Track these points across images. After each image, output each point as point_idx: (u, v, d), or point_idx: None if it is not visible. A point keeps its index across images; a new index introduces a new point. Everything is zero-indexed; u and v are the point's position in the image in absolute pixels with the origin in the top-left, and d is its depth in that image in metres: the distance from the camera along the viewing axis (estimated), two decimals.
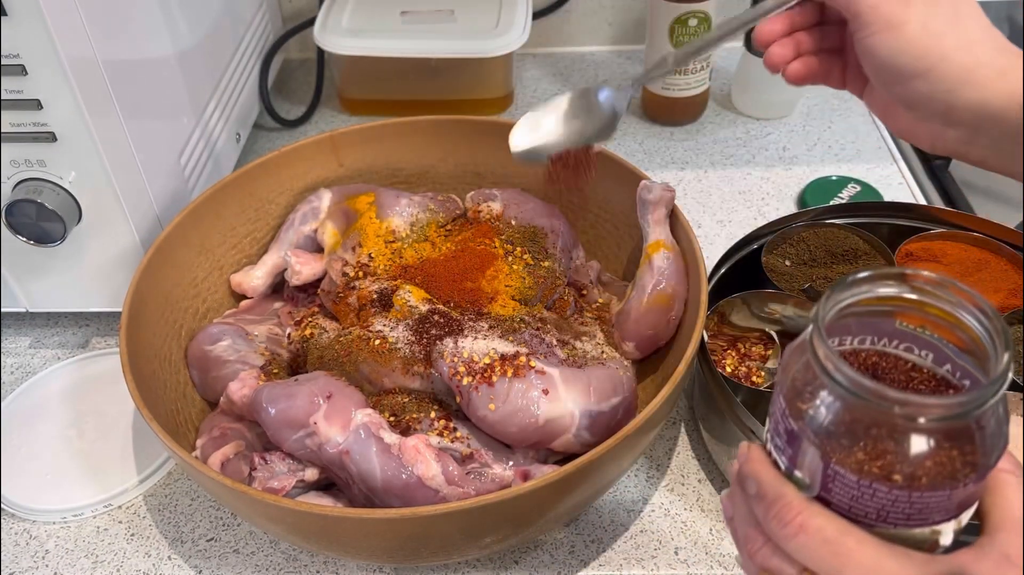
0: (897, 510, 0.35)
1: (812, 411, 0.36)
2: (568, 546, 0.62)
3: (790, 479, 0.38)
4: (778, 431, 0.38)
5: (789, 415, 0.37)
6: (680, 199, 0.90)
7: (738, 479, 0.40)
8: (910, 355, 0.39)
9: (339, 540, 0.53)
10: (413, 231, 0.71)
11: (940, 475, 0.34)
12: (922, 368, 0.38)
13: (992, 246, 0.71)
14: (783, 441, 0.38)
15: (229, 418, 0.63)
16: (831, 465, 0.36)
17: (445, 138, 0.78)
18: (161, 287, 0.66)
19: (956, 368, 0.38)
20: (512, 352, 0.58)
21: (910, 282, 0.38)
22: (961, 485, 0.35)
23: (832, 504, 0.37)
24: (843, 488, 0.36)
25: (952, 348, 0.38)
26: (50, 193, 0.63)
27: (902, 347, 0.39)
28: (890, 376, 0.39)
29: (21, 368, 0.76)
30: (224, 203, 0.71)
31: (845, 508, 0.36)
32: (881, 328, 0.39)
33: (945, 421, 0.34)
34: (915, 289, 0.38)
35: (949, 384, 0.38)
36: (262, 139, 1.00)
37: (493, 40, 0.93)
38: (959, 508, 0.36)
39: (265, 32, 1.00)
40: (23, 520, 0.65)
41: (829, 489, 0.36)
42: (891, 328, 0.39)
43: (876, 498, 0.35)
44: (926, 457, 0.34)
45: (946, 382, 0.38)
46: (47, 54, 0.57)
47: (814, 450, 0.36)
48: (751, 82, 0.98)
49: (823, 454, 0.36)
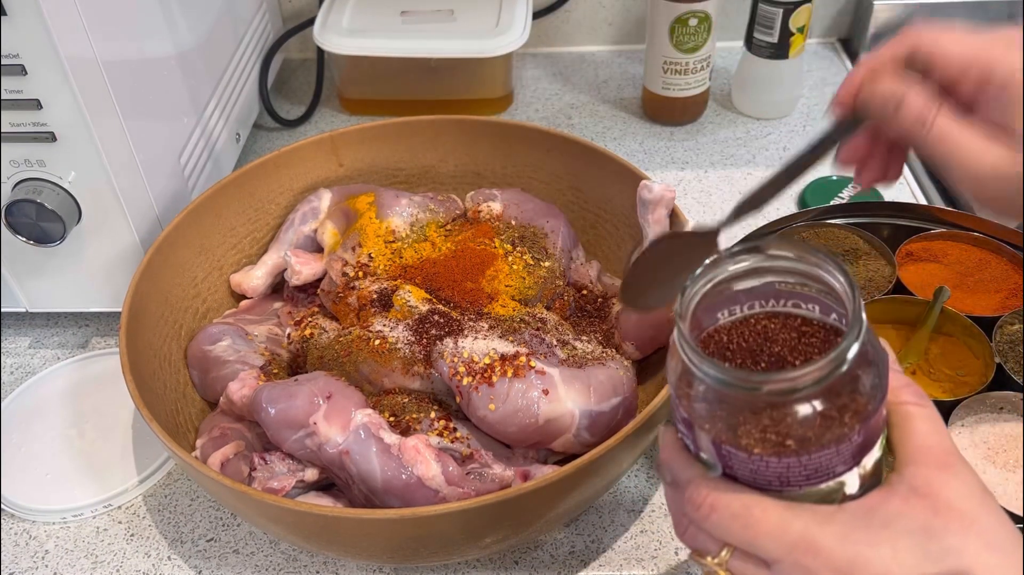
0: (795, 474, 0.36)
1: (694, 402, 0.37)
2: (568, 546, 0.62)
3: (698, 460, 0.39)
4: (678, 418, 0.40)
5: (679, 405, 0.39)
6: (680, 199, 0.90)
7: (655, 467, 0.42)
8: (799, 311, 0.40)
9: (339, 540, 0.53)
10: (413, 231, 0.71)
11: (824, 433, 0.35)
12: (812, 321, 0.39)
13: (992, 246, 0.71)
14: (684, 427, 0.39)
15: (229, 418, 0.63)
16: (723, 447, 0.37)
17: (445, 138, 0.78)
18: (161, 287, 0.66)
19: (841, 316, 0.38)
20: (512, 352, 0.58)
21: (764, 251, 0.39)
22: (848, 437, 0.36)
23: (738, 478, 0.38)
24: (740, 464, 0.37)
25: (830, 297, 0.38)
26: (50, 193, 0.63)
27: (790, 304, 0.40)
28: (783, 335, 0.39)
29: (21, 368, 0.76)
30: (224, 203, 0.71)
31: (750, 480, 0.38)
32: (764, 292, 0.40)
33: (812, 387, 0.35)
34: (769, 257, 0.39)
35: (839, 332, 0.38)
36: (262, 139, 1.00)
37: (493, 40, 0.93)
38: (856, 456, 0.37)
39: (265, 32, 1.00)
40: (23, 520, 0.65)
41: (730, 466, 0.38)
42: (773, 290, 0.40)
43: (771, 468, 0.36)
44: (807, 421, 0.35)
45: (835, 330, 0.39)
46: (47, 54, 0.57)
47: (704, 435, 0.37)
48: (751, 82, 0.98)
49: (713, 438, 0.37)
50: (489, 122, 0.77)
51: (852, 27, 1.11)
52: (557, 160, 0.76)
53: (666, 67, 0.94)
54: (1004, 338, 0.65)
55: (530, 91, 1.06)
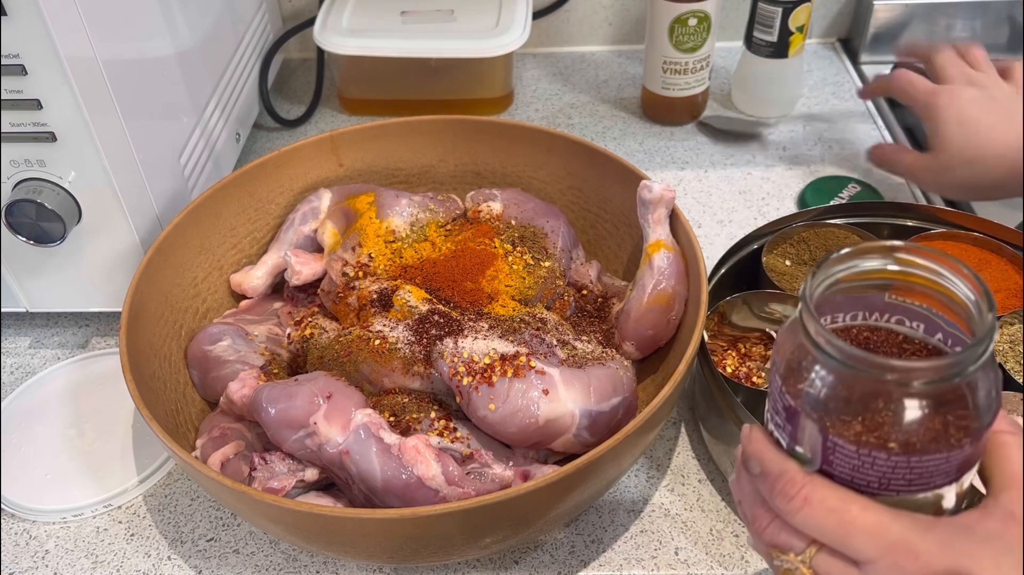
0: (898, 476, 0.36)
1: (807, 387, 0.37)
2: (568, 546, 0.62)
3: (792, 456, 0.39)
4: (776, 410, 0.39)
5: (786, 393, 0.38)
6: (680, 199, 0.90)
7: (742, 461, 0.41)
8: (901, 327, 0.40)
9: (339, 540, 0.53)
10: (413, 231, 0.71)
11: (936, 439, 0.35)
12: (914, 339, 0.39)
13: (992, 246, 0.71)
14: (782, 419, 0.39)
15: (229, 418, 0.63)
16: (830, 438, 0.36)
17: (445, 138, 0.78)
18: (161, 287, 0.66)
19: (947, 336, 0.39)
20: (512, 352, 0.58)
21: (894, 254, 0.39)
22: (958, 448, 0.35)
23: (835, 476, 0.37)
24: (844, 459, 0.36)
25: (941, 317, 0.38)
26: (50, 193, 0.63)
27: (893, 320, 0.40)
28: (882, 349, 0.39)
29: (21, 368, 0.76)
30: (224, 203, 0.71)
31: (847, 479, 0.37)
32: (871, 303, 0.40)
33: (936, 384, 0.35)
34: (899, 261, 0.39)
35: (941, 353, 0.39)
36: (262, 139, 1.00)
37: (493, 40, 0.93)
38: (959, 471, 0.37)
39: (265, 32, 1.00)
40: (23, 520, 0.65)
41: (830, 461, 0.37)
42: (881, 302, 0.40)
43: (876, 466, 0.36)
44: (921, 422, 0.35)
45: (938, 351, 0.39)
46: (47, 54, 0.57)
47: (812, 425, 0.37)
48: (751, 81, 0.98)
49: (821, 428, 0.36)
50: (489, 122, 0.77)
51: (852, 27, 1.11)
52: (557, 160, 0.76)
53: (666, 67, 0.94)
54: (1004, 338, 0.65)
55: (530, 91, 1.06)
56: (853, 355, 0.35)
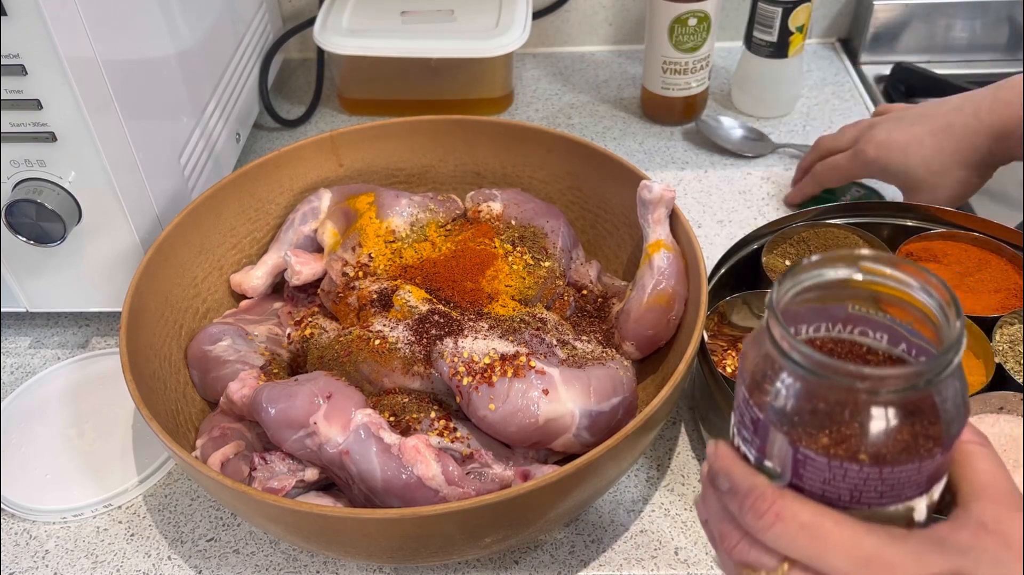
0: (869, 488, 0.35)
1: (775, 398, 0.36)
2: (568, 546, 0.62)
3: (760, 470, 0.38)
4: (744, 423, 0.39)
5: (753, 405, 0.37)
6: (680, 199, 0.90)
7: (709, 478, 0.40)
8: (865, 339, 0.39)
9: (339, 540, 0.53)
10: (413, 231, 0.71)
11: (907, 449, 0.35)
12: (877, 351, 0.39)
13: (992, 246, 0.71)
14: (750, 432, 0.38)
15: (229, 418, 0.63)
16: (800, 450, 0.36)
17: (445, 138, 0.78)
18: (161, 287, 0.66)
19: (911, 346, 0.38)
20: (512, 352, 0.58)
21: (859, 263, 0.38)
22: (928, 458, 0.35)
23: (805, 490, 0.37)
24: (814, 472, 0.36)
25: (906, 327, 0.38)
26: (50, 193, 0.63)
27: (856, 331, 0.39)
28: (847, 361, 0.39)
29: (21, 368, 0.76)
30: (224, 203, 0.71)
31: (818, 493, 0.36)
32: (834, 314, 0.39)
33: (906, 392, 0.34)
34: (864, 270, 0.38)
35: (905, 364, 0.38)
36: (262, 139, 1.00)
37: (493, 40, 0.93)
38: (928, 482, 0.36)
39: (265, 32, 1.00)
40: (23, 520, 0.65)
41: (800, 475, 0.36)
42: (844, 313, 0.39)
43: (847, 478, 0.35)
44: (891, 432, 0.35)
45: (902, 362, 0.38)
46: (47, 54, 0.57)
47: (781, 437, 0.36)
48: (751, 81, 0.98)
49: (790, 440, 0.36)
50: (489, 122, 0.77)
51: (852, 27, 1.11)
52: (557, 160, 0.76)
53: (665, 67, 0.94)
54: (1004, 338, 0.65)
55: (530, 91, 1.06)
56: (821, 363, 0.34)
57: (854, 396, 0.34)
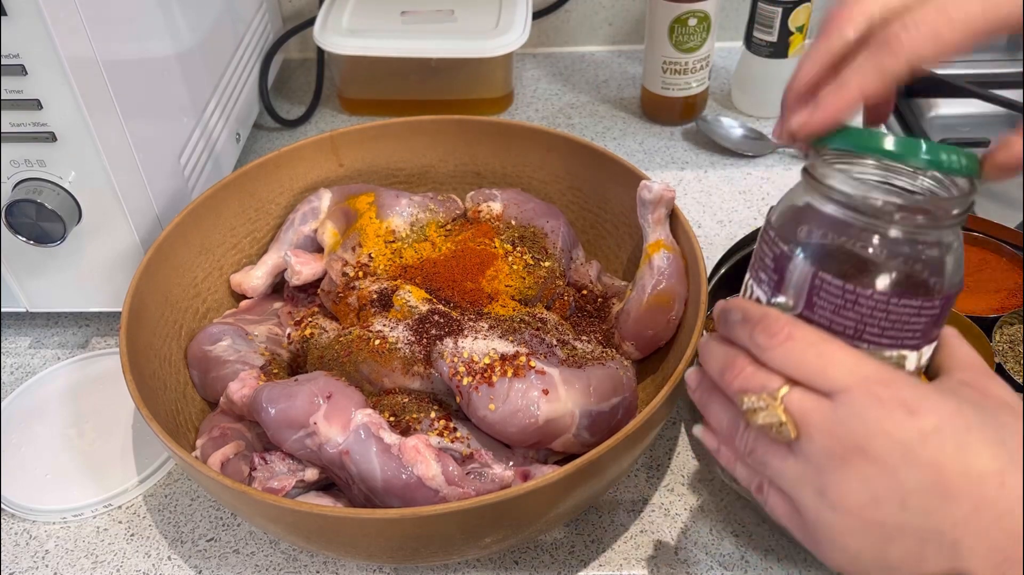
0: (873, 323, 0.39)
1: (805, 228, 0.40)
2: (568, 546, 0.62)
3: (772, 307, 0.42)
4: (763, 263, 0.43)
5: (779, 239, 0.42)
6: (680, 199, 0.90)
7: (719, 318, 0.43)
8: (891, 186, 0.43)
9: (339, 540, 0.53)
10: (413, 231, 0.71)
11: (913, 285, 0.39)
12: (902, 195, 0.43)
13: (992, 246, 0.71)
14: (768, 272, 0.42)
15: (229, 418, 0.63)
16: (818, 275, 0.40)
17: (445, 138, 0.78)
18: (161, 287, 0.66)
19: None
20: (512, 352, 0.58)
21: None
22: (928, 300, 0.39)
23: (814, 322, 0.41)
24: (826, 300, 0.40)
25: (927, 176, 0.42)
26: (50, 193, 0.63)
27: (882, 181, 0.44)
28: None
29: (21, 368, 0.76)
30: (224, 203, 0.71)
31: (826, 324, 0.40)
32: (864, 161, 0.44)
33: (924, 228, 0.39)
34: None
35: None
36: (262, 139, 1.00)
37: (493, 40, 0.93)
38: (923, 336, 0.40)
39: (265, 32, 1.01)
40: (23, 520, 0.65)
41: (812, 304, 0.40)
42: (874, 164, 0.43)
43: (856, 308, 0.39)
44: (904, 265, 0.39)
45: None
46: (47, 54, 0.57)
47: (802, 262, 0.40)
48: (751, 81, 0.98)
49: (812, 263, 0.40)
50: (489, 122, 0.77)
51: None
52: (557, 160, 0.76)
53: (665, 67, 0.94)
54: (1004, 338, 0.65)
55: (530, 91, 1.06)
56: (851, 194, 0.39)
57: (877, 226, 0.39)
